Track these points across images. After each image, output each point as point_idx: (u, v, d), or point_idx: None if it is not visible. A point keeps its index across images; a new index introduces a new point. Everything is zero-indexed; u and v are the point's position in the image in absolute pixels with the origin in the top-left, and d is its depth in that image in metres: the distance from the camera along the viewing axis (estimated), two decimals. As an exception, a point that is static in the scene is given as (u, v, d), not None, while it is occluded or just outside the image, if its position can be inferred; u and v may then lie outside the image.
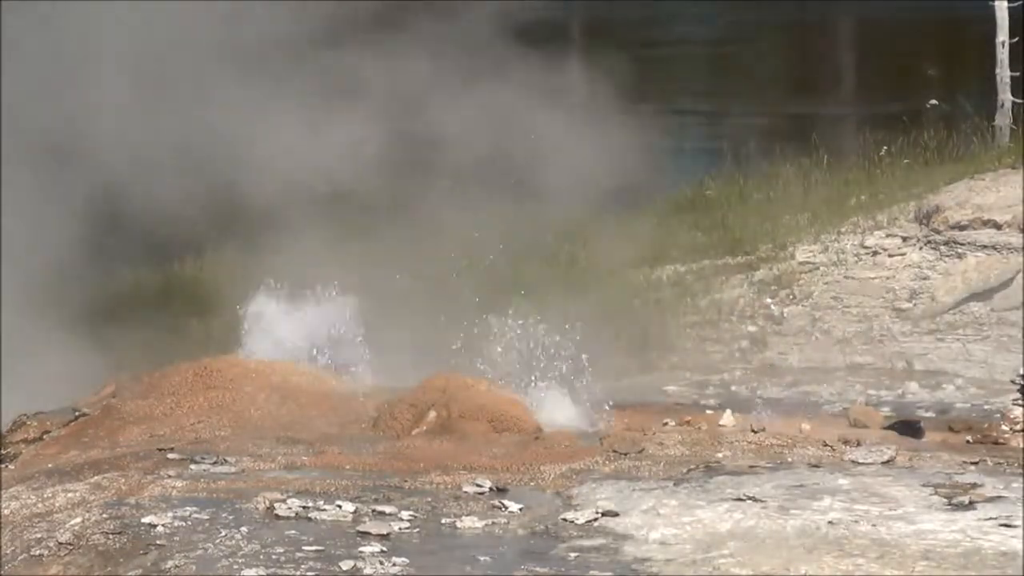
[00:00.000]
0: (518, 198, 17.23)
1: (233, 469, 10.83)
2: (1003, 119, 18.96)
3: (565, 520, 9.70)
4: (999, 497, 10.06)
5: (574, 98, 18.02)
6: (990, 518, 9.58)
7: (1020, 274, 16.25)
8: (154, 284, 18.19)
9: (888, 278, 17.02)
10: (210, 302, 16.07)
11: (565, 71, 18.52)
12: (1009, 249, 16.35)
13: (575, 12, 21.76)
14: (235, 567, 8.74)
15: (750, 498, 9.99)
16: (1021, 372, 14.11)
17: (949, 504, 9.94)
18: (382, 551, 8.99)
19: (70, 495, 10.13)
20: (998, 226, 16.50)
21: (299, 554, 8.94)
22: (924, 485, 10.35)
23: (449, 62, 17.52)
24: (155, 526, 9.44)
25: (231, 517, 9.59)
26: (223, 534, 9.28)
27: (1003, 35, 18.98)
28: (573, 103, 17.83)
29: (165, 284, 18.13)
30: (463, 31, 17.69)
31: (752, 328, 17.04)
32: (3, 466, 11.30)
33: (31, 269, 15.98)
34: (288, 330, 13.40)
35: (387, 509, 9.82)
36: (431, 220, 16.96)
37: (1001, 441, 11.93)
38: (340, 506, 9.81)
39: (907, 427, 12.33)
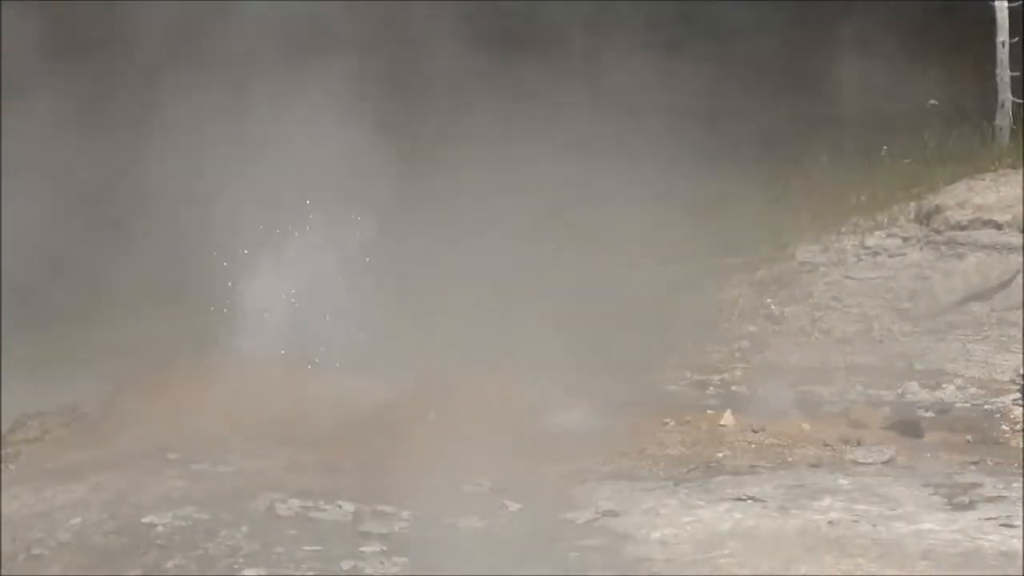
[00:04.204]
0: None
1: (233, 469, 10.83)
2: (1003, 119, 18.95)
3: (565, 520, 9.70)
4: (999, 497, 10.07)
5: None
6: (990, 518, 9.58)
7: (1020, 274, 16.23)
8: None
9: (888, 278, 16.99)
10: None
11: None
12: (1009, 249, 16.33)
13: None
14: (235, 567, 8.75)
15: (750, 498, 9.99)
16: (1021, 372, 14.12)
17: (949, 504, 9.94)
18: (382, 550, 8.99)
19: (70, 495, 10.14)
20: (998, 226, 16.48)
21: (299, 554, 8.94)
22: (924, 485, 10.36)
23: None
24: (155, 526, 9.45)
25: (231, 517, 9.60)
26: (223, 534, 9.29)
27: (1003, 35, 18.96)
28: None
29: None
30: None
31: (752, 328, 17.01)
32: (3, 466, 11.30)
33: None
34: None
35: (387, 509, 9.82)
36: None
37: (1001, 441, 11.93)
38: (340, 506, 9.81)
39: (907, 427, 12.32)
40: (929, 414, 13.63)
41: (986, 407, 13.90)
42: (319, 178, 14.64)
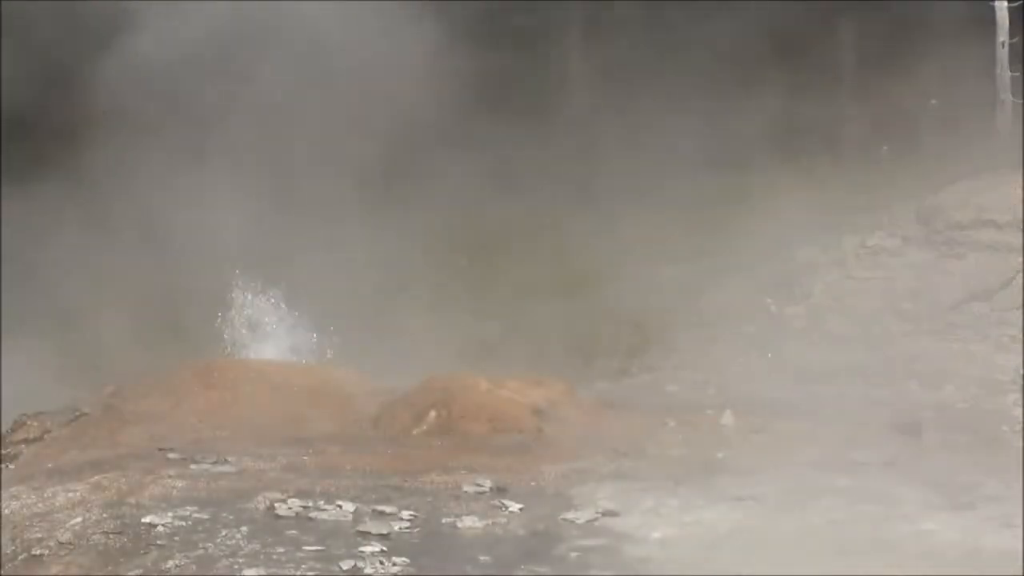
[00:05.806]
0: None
1: (233, 469, 10.84)
2: (1003, 119, 18.95)
3: (565, 520, 9.70)
4: (999, 497, 10.07)
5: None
6: (990, 518, 9.59)
7: (1020, 274, 16.24)
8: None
9: (888, 278, 16.99)
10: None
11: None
12: (1009, 249, 16.33)
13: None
14: (235, 567, 8.75)
15: (750, 498, 9.99)
16: (1021, 372, 14.13)
17: (949, 504, 9.94)
18: (382, 551, 8.99)
19: (70, 495, 10.14)
20: (998, 226, 16.49)
21: (299, 554, 8.94)
22: (924, 485, 10.36)
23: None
24: (155, 526, 9.45)
25: (231, 517, 9.60)
26: (223, 534, 9.29)
27: (1003, 35, 18.98)
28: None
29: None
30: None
31: (752, 328, 17.02)
32: (3, 466, 11.30)
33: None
34: None
35: (387, 509, 9.83)
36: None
37: (1001, 441, 11.94)
38: (340, 506, 9.82)
39: (907, 427, 12.33)
40: (929, 414, 13.64)
41: (986, 407, 13.91)
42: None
